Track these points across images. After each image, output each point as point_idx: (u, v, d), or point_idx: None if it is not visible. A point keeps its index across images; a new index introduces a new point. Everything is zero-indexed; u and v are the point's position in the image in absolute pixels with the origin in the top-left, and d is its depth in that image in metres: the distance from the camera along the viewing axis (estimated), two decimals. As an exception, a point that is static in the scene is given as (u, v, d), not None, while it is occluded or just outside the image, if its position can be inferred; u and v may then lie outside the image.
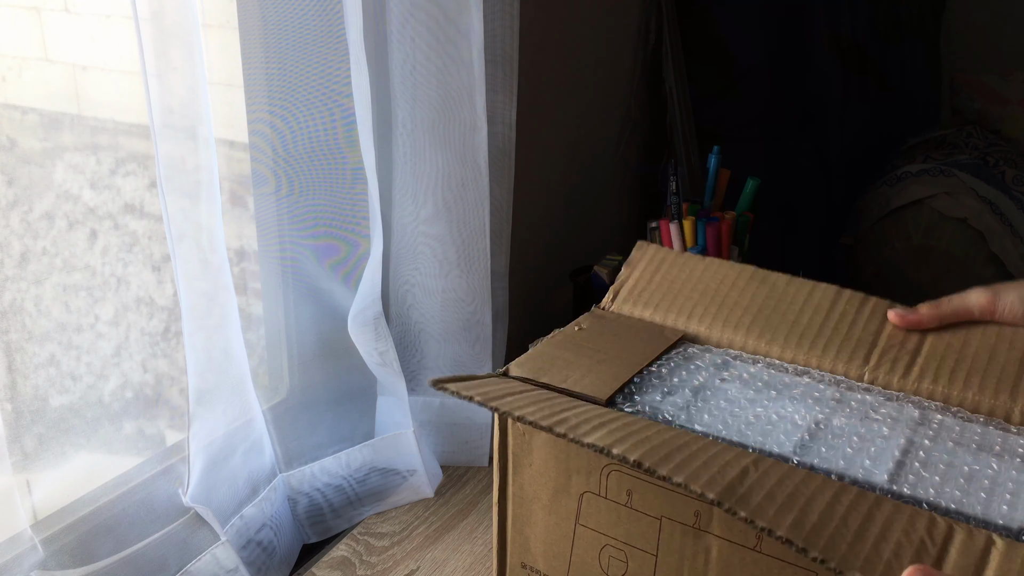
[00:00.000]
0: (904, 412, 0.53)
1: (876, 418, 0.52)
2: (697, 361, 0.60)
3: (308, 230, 0.73)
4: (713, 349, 0.62)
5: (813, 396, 0.55)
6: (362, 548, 0.74)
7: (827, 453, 0.49)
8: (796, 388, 0.56)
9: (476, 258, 0.79)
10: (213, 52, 0.60)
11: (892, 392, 0.56)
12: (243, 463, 0.68)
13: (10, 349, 0.56)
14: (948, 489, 0.46)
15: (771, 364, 0.60)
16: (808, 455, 0.49)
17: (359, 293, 0.73)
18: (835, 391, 0.56)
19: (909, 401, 0.55)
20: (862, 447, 0.50)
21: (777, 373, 0.58)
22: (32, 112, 0.60)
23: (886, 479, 0.47)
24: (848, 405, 0.54)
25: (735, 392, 0.56)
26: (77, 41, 0.63)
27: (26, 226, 0.57)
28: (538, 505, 0.57)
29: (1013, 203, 1.47)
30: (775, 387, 0.56)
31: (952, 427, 0.52)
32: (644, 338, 0.63)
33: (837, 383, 0.57)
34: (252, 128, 0.68)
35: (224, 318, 0.63)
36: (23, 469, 0.56)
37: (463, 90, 0.73)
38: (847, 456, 0.49)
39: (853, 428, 0.51)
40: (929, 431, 0.51)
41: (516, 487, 0.58)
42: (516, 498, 0.58)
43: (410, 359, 0.82)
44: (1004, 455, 0.49)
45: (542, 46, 1.02)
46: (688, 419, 0.52)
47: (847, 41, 1.51)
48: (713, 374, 0.58)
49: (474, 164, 0.76)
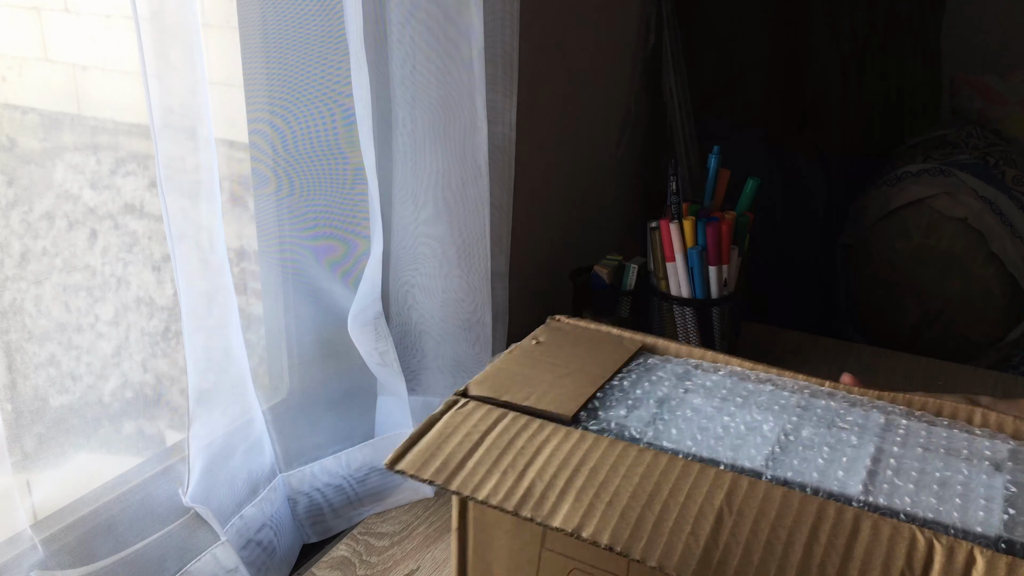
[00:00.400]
0: (870, 418, 0.53)
1: (843, 426, 0.52)
2: (659, 372, 0.59)
3: (308, 230, 0.73)
4: (673, 359, 0.61)
5: (779, 404, 0.55)
6: (362, 548, 0.74)
7: (800, 466, 0.49)
8: (760, 396, 0.56)
9: (476, 258, 0.79)
10: (213, 52, 0.60)
11: (856, 397, 0.56)
12: (243, 463, 0.68)
13: (10, 349, 0.56)
14: (923, 497, 0.46)
15: (733, 372, 0.59)
16: (781, 468, 0.49)
17: (359, 293, 0.73)
18: (799, 398, 0.55)
19: (874, 407, 0.55)
20: (833, 458, 0.49)
21: (740, 381, 0.58)
22: (32, 112, 0.60)
23: (861, 490, 0.46)
24: (814, 412, 0.54)
25: (700, 403, 0.55)
26: (77, 41, 0.63)
27: (26, 226, 0.57)
28: (500, 530, 0.55)
29: (1013, 203, 1.47)
30: (739, 396, 0.56)
31: (918, 432, 0.52)
32: (604, 350, 0.62)
33: (801, 389, 0.57)
34: (252, 128, 0.68)
35: (224, 318, 0.63)
36: (23, 469, 0.56)
37: (463, 90, 0.73)
38: (820, 468, 0.49)
39: (822, 438, 0.51)
40: (896, 437, 0.51)
41: (477, 512, 0.55)
42: (477, 523, 0.56)
43: (410, 359, 0.82)
44: (972, 459, 0.49)
45: (542, 46, 1.02)
46: (656, 435, 0.52)
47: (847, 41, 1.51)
48: (676, 385, 0.57)
49: (474, 164, 0.76)
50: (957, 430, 0.52)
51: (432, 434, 0.51)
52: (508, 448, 0.50)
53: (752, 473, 0.48)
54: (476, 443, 0.50)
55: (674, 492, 0.46)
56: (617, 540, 0.43)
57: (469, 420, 0.52)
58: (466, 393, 0.55)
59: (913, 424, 0.53)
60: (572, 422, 0.52)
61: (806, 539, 0.42)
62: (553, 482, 0.47)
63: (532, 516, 0.45)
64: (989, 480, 0.47)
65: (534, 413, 0.52)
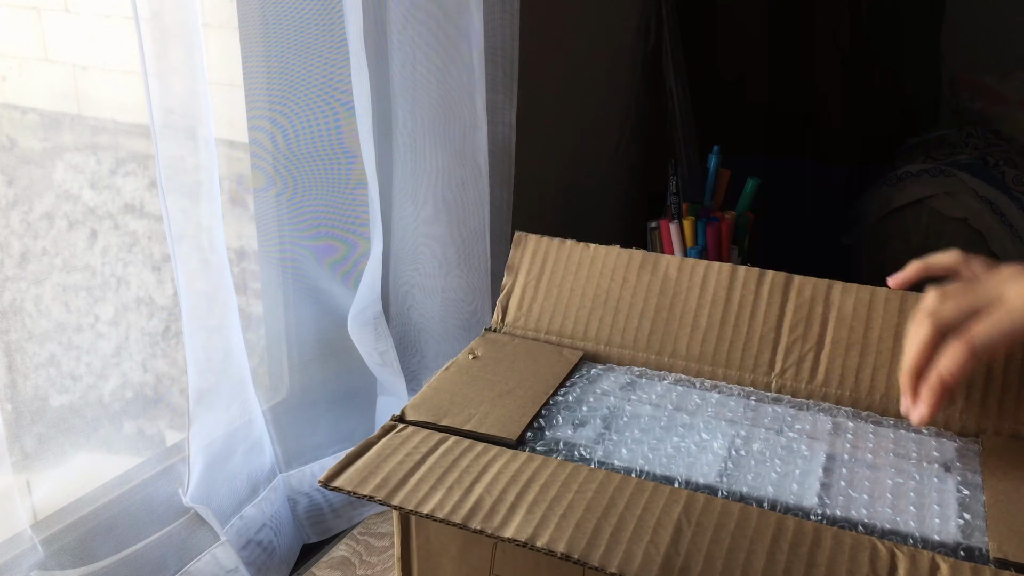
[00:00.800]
0: (818, 424, 0.52)
1: (792, 435, 0.51)
2: (603, 384, 0.57)
3: (308, 230, 0.73)
4: (616, 368, 0.59)
5: (727, 416, 0.53)
6: (362, 548, 0.74)
7: (753, 481, 0.48)
8: (708, 407, 0.54)
9: (476, 258, 0.79)
10: (213, 52, 0.60)
11: (801, 400, 0.55)
12: (243, 463, 0.68)
13: (10, 349, 0.56)
14: (879, 508, 0.45)
15: (679, 380, 0.57)
16: (736, 483, 0.47)
17: (359, 293, 0.73)
18: (746, 405, 0.54)
19: (820, 409, 0.54)
20: (786, 471, 0.48)
21: (686, 390, 0.56)
22: (32, 112, 0.60)
23: (816, 502, 0.46)
24: (762, 422, 0.53)
25: (647, 419, 0.53)
26: (77, 41, 0.63)
27: (26, 226, 0.57)
28: (447, 558, 0.52)
29: (1013, 203, 1.47)
30: (687, 409, 0.54)
31: (866, 435, 0.51)
32: (544, 362, 0.59)
33: (747, 395, 0.55)
34: (252, 128, 0.68)
35: (224, 318, 0.63)
36: (23, 469, 0.56)
37: (463, 90, 0.73)
38: (774, 481, 0.47)
39: (772, 449, 0.50)
40: (846, 443, 0.50)
41: (421, 540, 0.52)
42: (421, 551, 0.52)
43: (410, 359, 0.82)
44: (922, 462, 0.49)
45: (542, 46, 1.02)
46: (606, 454, 0.50)
47: (847, 41, 1.51)
48: (621, 398, 0.55)
49: (474, 164, 0.76)
50: (904, 430, 0.52)
51: (370, 455, 0.48)
52: (452, 467, 0.47)
53: (707, 489, 0.47)
54: (417, 463, 0.48)
55: (630, 506, 0.44)
56: (574, 549, 0.41)
57: (408, 443, 0.49)
58: (403, 418, 0.52)
59: (860, 426, 0.52)
60: (518, 444, 0.50)
61: (768, 548, 0.41)
62: (503, 496, 0.45)
63: (482, 528, 0.42)
64: (940, 484, 0.47)
65: (477, 437, 0.50)
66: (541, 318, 0.61)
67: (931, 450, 0.50)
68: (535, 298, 0.62)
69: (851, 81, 1.53)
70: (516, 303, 0.62)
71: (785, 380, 0.56)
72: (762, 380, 0.57)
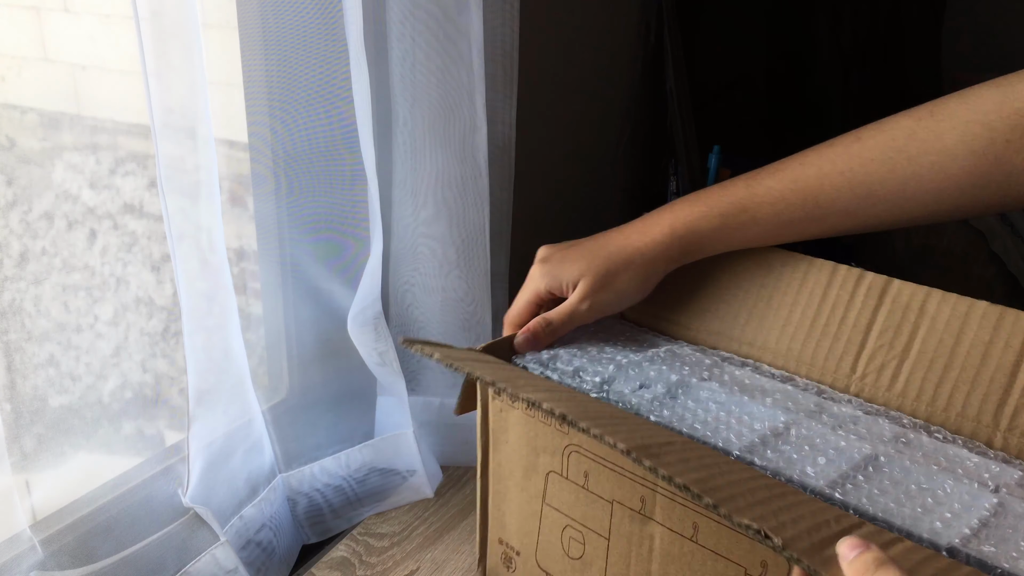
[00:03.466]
0: (876, 429, 0.52)
1: (842, 433, 0.51)
2: (685, 361, 0.59)
3: (308, 230, 0.73)
4: (707, 351, 0.61)
5: (787, 405, 0.54)
6: (362, 548, 0.74)
7: (771, 455, 0.48)
8: (774, 395, 0.55)
9: (476, 258, 0.79)
10: (213, 52, 0.60)
11: (874, 405, 0.55)
12: (243, 463, 0.68)
13: (9, 349, 0.56)
14: (883, 500, 0.44)
15: (758, 368, 0.59)
16: (751, 453, 0.48)
17: (359, 293, 0.73)
18: (813, 401, 0.54)
19: (888, 417, 0.53)
20: (811, 455, 0.48)
21: (760, 378, 0.57)
22: (31, 112, 0.60)
23: (822, 484, 0.45)
24: (820, 418, 0.52)
25: (707, 394, 0.55)
26: (77, 40, 0.62)
27: (25, 226, 0.57)
28: (512, 482, 0.58)
29: (1013, 203, 1.47)
30: (751, 393, 0.55)
31: (921, 446, 0.50)
32: (630, 336, 0.63)
33: (819, 392, 0.56)
34: (252, 128, 0.68)
35: (224, 318, 0.63)
36: (22, 469, 0.56)
37: (463, 89, 0.73)
38: (789, 460, 0.48)
39: (811, 438, 0.50)
40: (893, 450, 0.49)
41: (495, 463, 0.58)
42: (495, 475, 0.59)
43: (410, 359, 0.82)
44: (964, 479, 0.47)
45: (542, 45, 1.02)
46: (646, 412, 0.52)
47: (848, 41, 1.51)
48: (692, 374, 0.57)
49: (474, 163, 0.76)
50: (968, 449, 0.50)
51: (449, 348, 0.53)
52: (506, 370, 0.52)
53: (720, 451, 0.49)
54: (485, 360, 0.53)
55: (629, 422, 0.47)
56: (570, 412, 0.43)
57: (481, 356, 0.55)
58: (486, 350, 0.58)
59: (921, 439, 0.51)
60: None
61: (743, 478, 0.42)
62: (537, 387, 0.48)
63: (505, 387, 0.46)
64: (972, 500, 0.45)
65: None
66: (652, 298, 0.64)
67: (983, 471, 0.48)
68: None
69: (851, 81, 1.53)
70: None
71: (864, 385, 0.56)
72: (842, 382, 0.57)
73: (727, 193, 0.61)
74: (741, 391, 0.55)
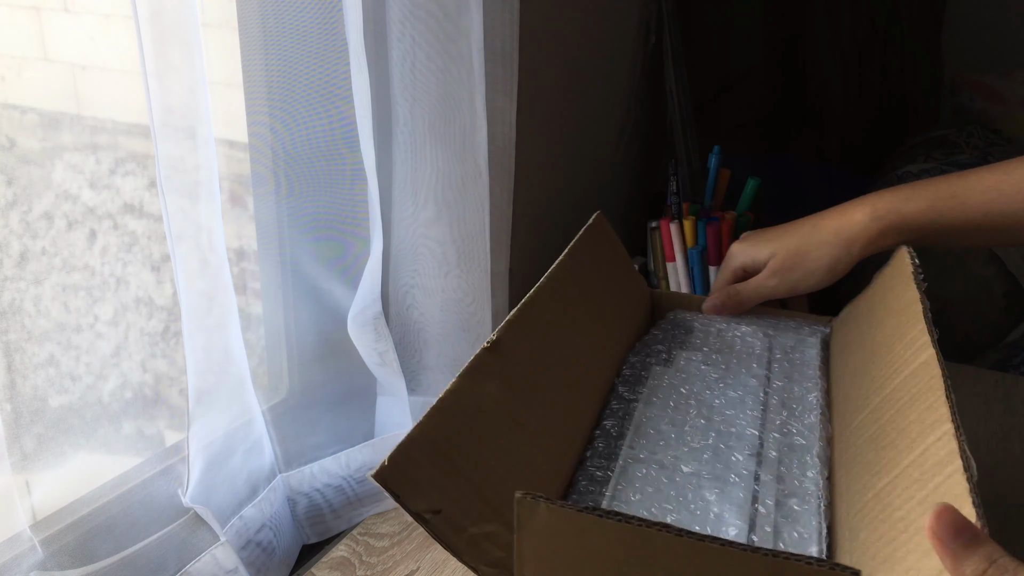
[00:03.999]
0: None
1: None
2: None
3: (308, 230, 0.73)
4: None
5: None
6: (362, 549, 0.74)
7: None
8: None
9: (476, 258, 0.79)
10: (213, 51, 0.60)
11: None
12: (243, 463, 0.68)
13: (9, 349, 0.56)
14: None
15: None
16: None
17: (359, 293, 0.73)
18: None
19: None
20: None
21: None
22: (31, 112, 0.60)
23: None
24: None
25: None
26: (76, 40, 0.62)
27: (25, 226, 0.57)
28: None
29: (1014, 203, 1.47)
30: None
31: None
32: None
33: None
34: (252, 128, 0.68)
35: (224, 318, 0.63)
36: (22, 469, 0.56)
37: (463, 89, 0.73)
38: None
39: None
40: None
41: None
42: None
43: (410, 359, 0.82)
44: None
45: (542, 45, 1.02)
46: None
47: (847, 41, 1.51)
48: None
49: (474, 163, 0.75)
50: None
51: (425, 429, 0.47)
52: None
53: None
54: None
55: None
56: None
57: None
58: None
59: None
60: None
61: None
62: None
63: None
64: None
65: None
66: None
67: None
68: None
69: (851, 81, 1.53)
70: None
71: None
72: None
73: (935, 180, 0.62)
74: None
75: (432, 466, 0.41)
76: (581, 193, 1.23)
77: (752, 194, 1.12)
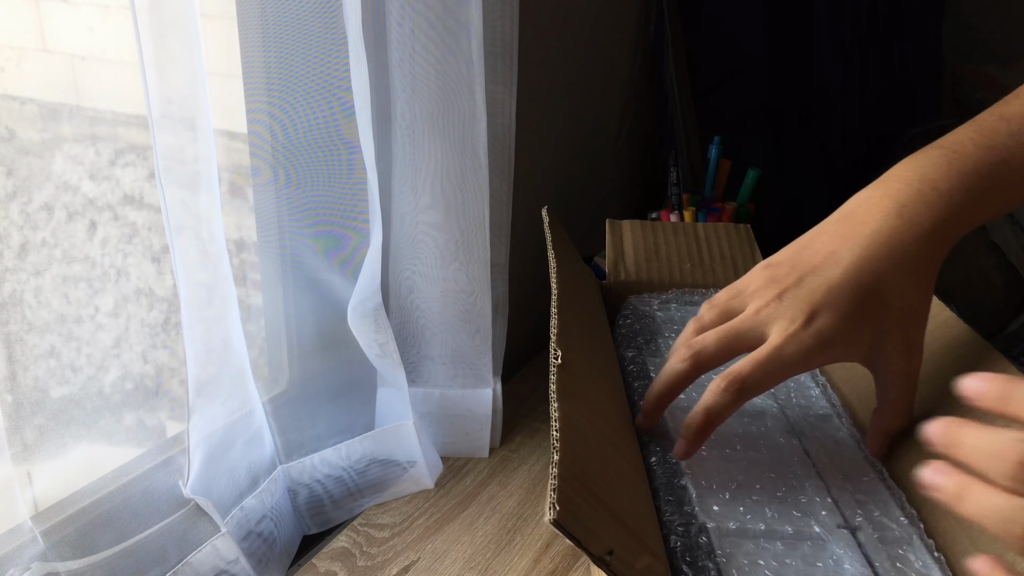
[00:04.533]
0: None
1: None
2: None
3: (308, 221, 0.73)
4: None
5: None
6: (362, 539, 0.74)
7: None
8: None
9: (476, 249, 0.79)
10: (212, 42, 0.59)
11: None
12: (243, 454, 0.68)
13: (10, 340, 0.56)
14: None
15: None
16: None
17: (359, 284, 0.73)
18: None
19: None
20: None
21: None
22: (31, 102, 0.60)
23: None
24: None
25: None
26: (75, 31, 0.62)
27: (25, 217, 0.57)
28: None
29: (1014, 194, 1.46)
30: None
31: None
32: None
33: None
34: (251, 119, 0.68)
35: (224, 309, 0.63)
36: (23, 460, 0.56)
37: (462, 81, 0.73)
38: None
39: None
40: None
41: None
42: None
43: (410, 350, 0.82)
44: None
45: (542, 37, 1.02)
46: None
47: (848, 31, 1.51)
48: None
49: (474, 155, 0.75)
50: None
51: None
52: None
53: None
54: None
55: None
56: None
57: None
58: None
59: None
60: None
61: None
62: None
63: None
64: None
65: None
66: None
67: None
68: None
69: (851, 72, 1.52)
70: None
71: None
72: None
73: (969, 125, 0.55)
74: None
75: (585, 503, 0.39)
76: (581, 184, 1.23)
77: (752, 184, 1.12)
